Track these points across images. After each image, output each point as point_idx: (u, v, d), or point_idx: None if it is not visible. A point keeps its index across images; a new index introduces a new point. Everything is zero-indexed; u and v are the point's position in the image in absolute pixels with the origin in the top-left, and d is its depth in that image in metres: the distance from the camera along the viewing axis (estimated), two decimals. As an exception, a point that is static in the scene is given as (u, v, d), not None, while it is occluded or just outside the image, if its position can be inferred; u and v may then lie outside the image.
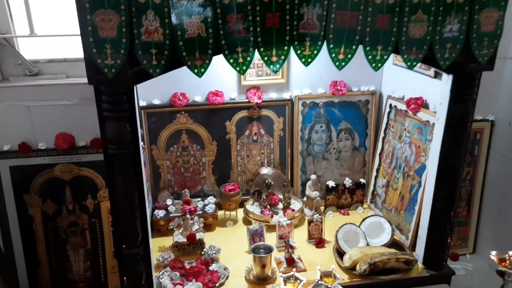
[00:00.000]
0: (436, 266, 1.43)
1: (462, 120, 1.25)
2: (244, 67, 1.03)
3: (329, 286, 1.20)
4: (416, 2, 1.06)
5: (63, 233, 1.64)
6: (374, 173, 1.88)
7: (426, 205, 1.41)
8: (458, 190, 1.36)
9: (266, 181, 1.77)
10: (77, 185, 1.61)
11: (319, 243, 1.59)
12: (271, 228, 1.63)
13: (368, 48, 1.09)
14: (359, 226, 1.59)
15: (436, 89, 1.36)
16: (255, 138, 1.81)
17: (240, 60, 1.03)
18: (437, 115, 1.32)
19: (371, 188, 1.90)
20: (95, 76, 0.96)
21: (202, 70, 1.00)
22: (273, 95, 1.78)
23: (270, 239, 1.57)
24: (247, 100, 1.74)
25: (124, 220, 1.12)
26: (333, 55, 1.07)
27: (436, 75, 1.42)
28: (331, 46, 1.06)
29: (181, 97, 1.67)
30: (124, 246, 1.14)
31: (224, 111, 1.75)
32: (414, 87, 1.59)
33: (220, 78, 1.71)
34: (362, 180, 1.87)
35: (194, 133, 1.75)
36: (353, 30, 1.05)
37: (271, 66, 1.05)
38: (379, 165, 1.85)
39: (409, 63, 1.12)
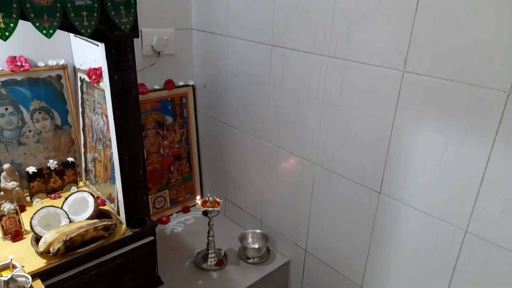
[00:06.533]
0: (138, 223, 1.53)
1: (125, 86, 1.34)
2: None
3: (2, 279, 1.10)
4: (32, -34, 1.02)
5: None
6: (83, 150, 1.84)
7: (117, 170, 1.48)
8: (141, 150, 1.47)
9: None
10: None
11: (16, 236, 1.44)
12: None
13: (-14, 15, 0.98)
14: (61, 207, 1.52)
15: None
16: None
17: None
18: (104, 83, 1.37)
19: (83, 165, 1.86)
20: None
21: None
22: None
23: None
24: None
25: None
26: None
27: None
28: None
29: None
30: None
31: None
32: (95, 58, 1.59)
33: None
34: (70, 159, 1.79)
35: None
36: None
37: None
38: (85, 140, 1.82)
39: (44, 31, 1.08)
